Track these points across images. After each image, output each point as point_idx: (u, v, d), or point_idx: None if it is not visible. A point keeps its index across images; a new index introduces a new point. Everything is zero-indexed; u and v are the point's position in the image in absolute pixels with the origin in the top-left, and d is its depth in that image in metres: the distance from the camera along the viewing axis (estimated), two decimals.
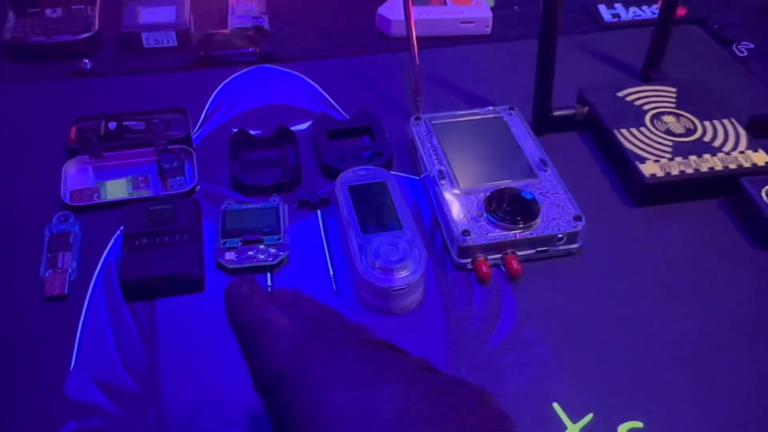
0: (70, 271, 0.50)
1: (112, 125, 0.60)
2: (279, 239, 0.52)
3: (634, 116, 0.62)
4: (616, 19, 0.81)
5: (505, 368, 0.46)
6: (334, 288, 0.51)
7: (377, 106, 0.67)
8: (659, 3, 0.83)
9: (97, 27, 0.73)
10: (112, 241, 0.53)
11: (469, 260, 0.52)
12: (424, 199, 0.58)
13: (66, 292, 0.49)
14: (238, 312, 0.37)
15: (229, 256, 0.51)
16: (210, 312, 0.49)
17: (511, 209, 0.52)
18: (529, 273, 0.52)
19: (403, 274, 0.47)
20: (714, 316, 0.49)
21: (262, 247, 0.52)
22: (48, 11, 0.74)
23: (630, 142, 0.59)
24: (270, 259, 0.51)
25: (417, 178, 0.60)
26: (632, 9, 0.83)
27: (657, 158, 0.58)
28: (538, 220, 0.52)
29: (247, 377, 0.35)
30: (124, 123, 0.60)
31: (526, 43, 0.77)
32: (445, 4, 0.77)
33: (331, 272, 0.52)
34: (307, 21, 0.80)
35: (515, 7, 0.83)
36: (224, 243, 0.52)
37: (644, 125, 0.61)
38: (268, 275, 0.51)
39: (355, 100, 0.68)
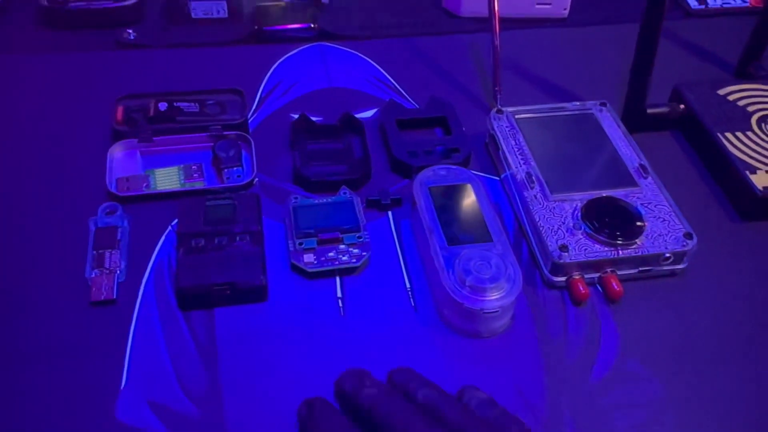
0: (118, 272, 0.45)
1: (163, 106, 0.54)
2: (360, 237, 0.47)
3: (739, 118, 0.56)
4: (703, 6, 0.74)
5: (612, 408, 0.41)
6: (412, 303, 0.45)
7: (448, 94, 0.61)
8: None
9: None
10: (162, 238, 0.48)
11: (564, 278, 0.46)
12: (505, 203, 0.52)
13: (114, 296, 0.44)
14: None
15: (308, 258, 0.46)
16: (274, 324, 0.44)
17: (614, 223, 0.46)
18: (629, 294, 0.46)
19: (497, 295, 0.42)
20: None
21: (342, 246, 0.46)
22: None
23: (737, 148, 0.53)
24: (354, 260, 0.46)
25: (496, 178, 0.54)
26: None
27: None
28: (643, 237, 0.46)
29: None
30: (176, 104, 0.55)
31: (605, 28, 0.71)
32: None
33: (408, 285, 0.46)
34: None
35: None
36: (300, 244, 0.46)
37: (751, 129, 0.55)
38: (337, 280, 0.46)
39: (424, 86, 0.62)
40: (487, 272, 0.42)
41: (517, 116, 0.55)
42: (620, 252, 0.46)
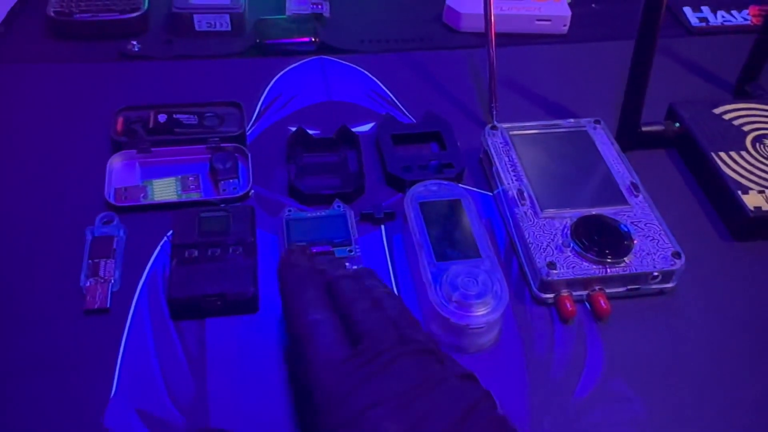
0: (112, 281, 0.46)
1: (162, 117, 0.55)
2: (351, 251, 0.48)
3: (734, 138, 0.56)
4: (703, 24, 0.74)
5: (593, 427, 0.41)
6: None
7: (445, 109, 0.62)
8: (751, 9, 0.76)
9: (146, 6, 0.68)
10: (158, 248, 0.49)
11: (552, 295, 0.46)
12: (497, 218, 0.53)
13: (108, 305, 0.45)
14: (287, 299, 0.39)
15: None
16: (264, 335, 0.44)
17: (603, 241, 0.47)
18: (616, 313, 0.46)
19: (483, 311, 0.42)
20: None
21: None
22: None
23: (730, 168, 0.53)
24: None
25: (489, 193, 0.55)
26: (720, 13, 0.76)
27: (762, 188, 0.52)
28: (632, 255, 0.47)
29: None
30: (175, 116, 0.55)
31: (604, 45, 0.71)
32: None
33: None
34: (369, 9, 0.74)
35: (593, 5, 0.77)
36: None
37: (746, 149, 0.55)
38: None
39: (421, 100, 0.63)
40: (473, 288, 0.43)
41: (511, 132, 0.55)
42: (608, 270, 0.46)
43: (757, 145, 0.55)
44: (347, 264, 0.47)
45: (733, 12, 0.76)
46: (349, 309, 0.37)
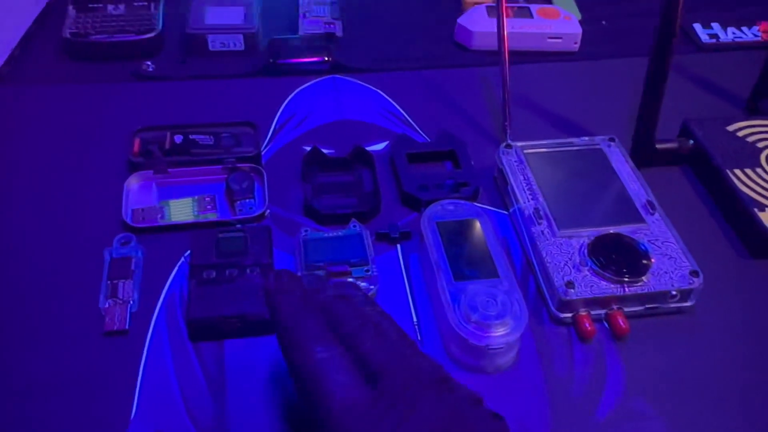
0: (131, 302, 0.46)
1: (178, 138, 0.56)
2: (367, 271, 0.48)
3: (748, 155, 0.56)
4: (714, 40, 0.75)
5: None
6: (419, 337, 0.46)
7: (458, 127, 0.62)
8: (761, 25, 0.77)
9: (160, 26, 0.69)
10: (175, 269, 0.49)
11: (570, 315, 0.46)
12: (513, 237, 0.53)
13: (127, 326, 0.45)
14: (285, 337, 0.36)
15: None
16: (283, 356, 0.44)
17: (620, 260, 0.47)
18: (635, 331, 0.46)
19: (502, 331, 0.42)
20: None
21: (350, 280, 0.47)
22: (110, 7, 0.70)
23: (746, 185, 0.53)
24: None
25: (504, 212, 0.55)
26: (731, 29, 0.76)
27: None
28: (650, 274, 0.46)
29: None
30: (191, 136, 0.56)
31: (615, 62, 0.71)
32: (532, 16, 0.72)
33: (415, 318, 0.47)
34: (380, 29, 0.75)
35: (603, 22, 0.77)
36: None
37: (760, 166, 0.55)
38: None
39: (434, 119, 0.63)
40: (493, 309, 0.43)
41: (525, 151, 0.55)
42: (626, 289, 0.46)
43: None
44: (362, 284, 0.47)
45: (743, 28, 0.76)
46: (354, 340, 0.35)
